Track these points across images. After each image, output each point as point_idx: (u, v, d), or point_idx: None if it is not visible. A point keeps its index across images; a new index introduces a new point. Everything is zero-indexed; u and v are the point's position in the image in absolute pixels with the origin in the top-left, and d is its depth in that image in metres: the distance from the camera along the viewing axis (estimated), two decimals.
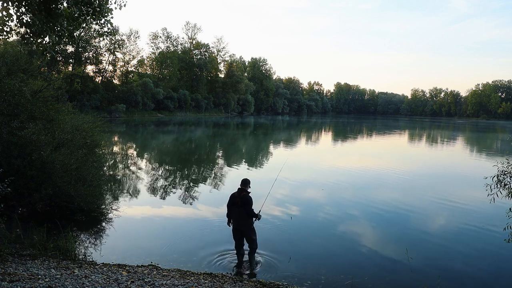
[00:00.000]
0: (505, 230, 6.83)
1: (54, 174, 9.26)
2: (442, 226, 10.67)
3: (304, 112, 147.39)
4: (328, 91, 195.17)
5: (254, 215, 7.45)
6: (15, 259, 6.53)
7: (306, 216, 11.24)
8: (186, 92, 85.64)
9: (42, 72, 21.22)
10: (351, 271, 7.49)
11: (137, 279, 5.99)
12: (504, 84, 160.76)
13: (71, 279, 5.69)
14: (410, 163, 24.67)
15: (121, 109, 67.11)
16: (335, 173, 18.96)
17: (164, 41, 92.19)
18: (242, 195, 7.36)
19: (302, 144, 38.65)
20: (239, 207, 7.36)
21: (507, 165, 6.61)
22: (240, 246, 7.67)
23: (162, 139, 37.48)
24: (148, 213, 10.79)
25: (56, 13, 5.77)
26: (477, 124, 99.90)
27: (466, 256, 8.52)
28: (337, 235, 9.66)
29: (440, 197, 14.33)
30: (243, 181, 7.61)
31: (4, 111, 9.22)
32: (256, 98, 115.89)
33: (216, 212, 11.24)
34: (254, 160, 24.76)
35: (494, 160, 10.05)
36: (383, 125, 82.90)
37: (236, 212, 7.40)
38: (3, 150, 8.94)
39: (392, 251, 8.61)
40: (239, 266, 7.46)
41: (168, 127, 53.89)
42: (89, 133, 12.86)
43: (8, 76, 9.76)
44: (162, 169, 19.35)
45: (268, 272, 7.41)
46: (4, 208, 6.37)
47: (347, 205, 12.54)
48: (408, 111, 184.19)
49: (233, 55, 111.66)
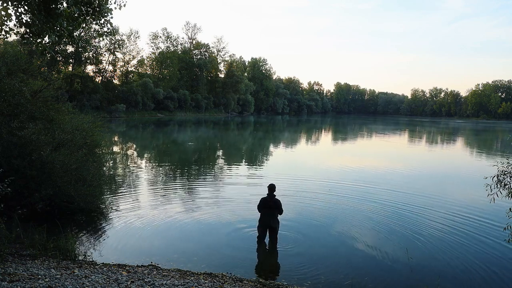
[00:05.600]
0: (505, 230, 6.82)
1: (54, 174, 9.26)
2: (442, 226, 10.66)
3: (304, 112, 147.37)
4: (328, 91, 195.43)
5: (282, 213, 8.86)
6: (15, 259, 6.53)
7: (306, 216, 11.23)
8: (186, 92, 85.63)
9: (42, 72, 21.22)
10: (351, 271, 7.49)
11: (137, 279, 5.99)
12: (504, 84, 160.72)
13: (71, 279, 5.69)
14: (410, 163, 24.66)
15: (121, 109, 67.09)
16: (335, 173, 18.95)
17: (164, 41, 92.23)
18: (274, 199, 8.69)
19: (303, 143, 38.65)
20: (272, 209, 8.63)
21: (507, 165, 6.60)
22: (263, 239, 8.79)
23: (162, 139, 37.49)
24: (148, 213, 10.78)
25: (55, 13, 5.76)
26: (477, 124, 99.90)
27: (466, 256, 8.51)
28: (337, 235, 9.65)
29: (440, 197, 14.33)
30: (271, 187, 8.79)
31: (4, 111, 9.21)
32: (256, 98, 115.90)
33: (216, 212, 11.23)
34: (254, 160, 24.76)
35: (494, 160, 10.05)
36: (383, 125, 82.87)
37: (268, 213, 8.66)
38: (3, 150, 8.94)
39: (392, 251, 8.60)
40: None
41: (168, 127, 53.89)
42: (89, 133, 12.85)
43: (8, 76, 9.75)
44: (162, 169, 19.35)
45: (268, 272, 7.41)
46: (4, 208, 6.37)
47: (347, 205, 12.53)
48: (408, 111, 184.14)
49: (233, 55, 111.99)
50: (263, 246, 8.64)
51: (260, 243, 8.73)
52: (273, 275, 7.29)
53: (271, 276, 7.22)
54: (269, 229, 8.75)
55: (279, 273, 7.40)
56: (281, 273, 7.35)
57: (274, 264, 7.85)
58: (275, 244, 8.67)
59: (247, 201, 12.27)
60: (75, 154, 10.52)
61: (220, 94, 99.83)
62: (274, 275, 7.30)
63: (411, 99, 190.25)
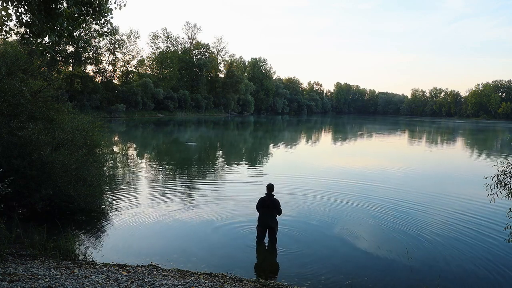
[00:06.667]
0: (505, 230, 6.83)
1: (54, 174, 9.26)
2: (442, 226, 10.66)
3: (304, 112, 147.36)
4: (328, 91, 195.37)
5: (280, 213, 8.79)
6: (15, 259, 6.53)
7: (306, 215, 11.23)
8: (186, 92, 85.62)
9: (42, 72, 21.21)
10: (351, 271, 7.49)
11: (137, 279, 5.99)
12: (504, 84, 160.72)
13: (71, 279, 5.69)
14: (410, 163, 24.66)
15: (121, 109, 67.08)
16: (334, 173, 18.95)
17: (164, 41, 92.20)
18: (272, 198, 8.64)
19: (303, 143, 38.65)
20: (270, 209, 8.59)
21: (507, 165, 6.60)
22: (263, 239, 8.78)
23: (162, 139, 37.48)
24: (148, 213, 10.78)
25: (56, 13, 5.76)
26: (477, 124, 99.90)
27: (466, 256, 8.51)
28: (337, 235, 9.65)
29: (440, 197, 14.33)
30: (269, 187, 8.75)
31: (4, 111, 9.21)
32: (256, 98, 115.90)
33: (216, 212, 11.23)
34: (254, 160, 24.76)
35: (494, 160, 10.05)
36: (383, 125, 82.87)
37: (267, 213, 8.63)
38: (3, 150, 8.94)
39: (392, 251, 8.60)
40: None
41: (168, 127, 53.88)
42: (89, 133, 12.85)
43: (8, 76, 9.75)
44: (162, 169, 19.35)
45: (268, 272, 7.42)
46: (4, 208, 6.36)
47: (346, 205, 12.53)
48: (408, 111, 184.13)
49: (233, 55, 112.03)
50: (262, 246, 8.64)
51: (260, 243, 8.73)
52: (273, 275, 7.29)
53: (271, 276, 7.22)
54: (268, 229, 8.74)
55: (279, 273, 7.40)
56: (281, 273, 7.35)
57: (274, 264, 7.85)
58: (275, 244, 8.66)
59: (248, 201, 12.26)
60: (75, 154, 10.51)
61: (220, 94, 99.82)
62: (274, 275, 7.30)
63: (411, 99, 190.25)
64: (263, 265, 7.84)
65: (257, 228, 8.82)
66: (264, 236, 8.78)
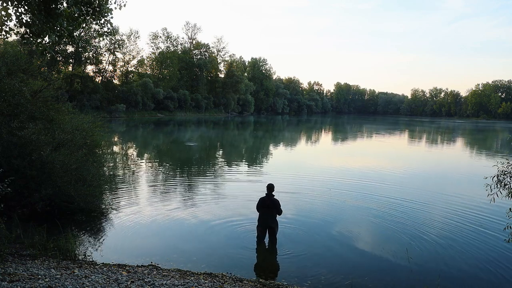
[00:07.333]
0: (505, 230, 6.83)
1: (54, 174, 9.26)
2: (442, 226, 10.66)
3: (304, 112, 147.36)
4: (328, 91, 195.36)
5: (280, 213, 8.77)
6: (15, 259, 6.53)
7: (306, 215, 11.23)
8: (186, 92, 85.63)
9: (42, 72, 21.20)
10: (351, 271, 7.49)
11: (137, 279, 5.99)
12: (504, 84, 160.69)
13: (71, 279, 5.69)
14: (410, 163, 24.65)
15: (121, 109, 67.08)
16: (334, 173, 18.95)
17: (164, 41, 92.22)
18: (272, 198, 8.64)
19: (303, 143, 38.65)
20: (270, 209, 8.58)
21: (507, 165, 6.60)
22: (263, 239, 8.79)
23: (162, 139, 37.48)
24: (148, 213, 10.78)
25: (56, 13, 5.76)
26: (477, 124, 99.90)
27: (466, 256, 8.51)
28: (337, 235, 9.65)
29: (440, 197, 14.32)
30: (269, 187, 8.74)
31: (4, 111, 9.21)
32: (256, 98, 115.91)
33: (216, 212, 11.23)
34: (255, 159, 24.75)
35: (494, 160, 10.04)
36: (383, 125, 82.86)
37: (267, 213, 8.62)
38: (3, 150, 8.94)
39: (392, 251, 8.60)
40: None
41: (168, 127, 53.88)
42: (89, 133, 12.85)
43: (8, 76, 9.75)
44: (162, 169, 19.35)
45: (268, 272, 7.41)
46: (4, 208, 6.36)
47: (347, 205, 12.53)
48: (408, 111, 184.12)
49: (233, 55, 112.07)
50: (262, 246, 8.64)
51: (260, 243, 8.73)
52: (273, 275, 7.29)
53: (271, 276, 7.22)
54: (268, 229, 8.74)
55: (279, 273, 7.40)
56: (281, 273, 7.35)
57: (274, 264, 7.85)
58: (275, 244, 8.66)
59: (248, 201, 12.25)
60: (75, 154, 10.51)
61: (220, 94, 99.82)
62: (274, 275, 7.30)
63: (411, 99, 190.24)
64: (263, 265, 7.84)
65: (257, 228, 8.83)
66: (264, 236, 8.78)
